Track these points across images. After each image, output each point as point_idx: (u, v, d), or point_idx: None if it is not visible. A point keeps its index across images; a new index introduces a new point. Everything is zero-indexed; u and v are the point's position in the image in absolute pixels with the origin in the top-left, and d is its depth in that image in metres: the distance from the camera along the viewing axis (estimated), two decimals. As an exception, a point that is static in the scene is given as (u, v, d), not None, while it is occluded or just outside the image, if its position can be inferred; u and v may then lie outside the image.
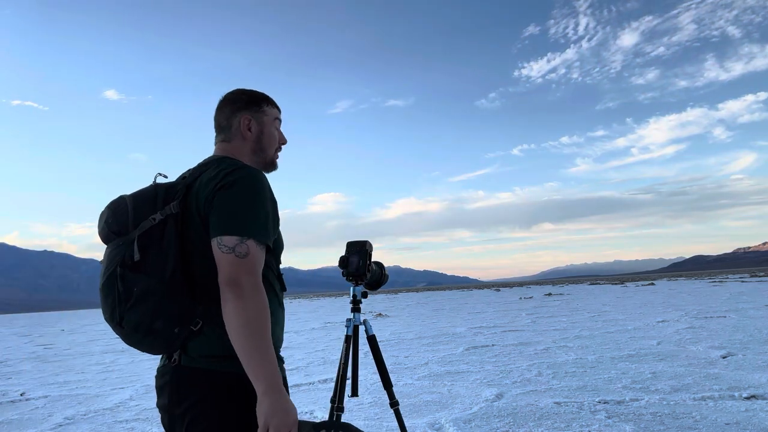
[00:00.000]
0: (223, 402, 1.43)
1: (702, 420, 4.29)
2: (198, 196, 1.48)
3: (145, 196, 1.48)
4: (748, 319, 11.78)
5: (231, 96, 1.69)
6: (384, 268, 2.64)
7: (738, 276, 64.44)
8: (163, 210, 1.46)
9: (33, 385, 8.41)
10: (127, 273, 1.40)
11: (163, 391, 1.51)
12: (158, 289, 1.40)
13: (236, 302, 1.36)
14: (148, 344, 1.44)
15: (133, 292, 1.39)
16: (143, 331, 1.40)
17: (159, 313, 1.39)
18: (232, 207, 1.43)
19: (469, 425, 4.51)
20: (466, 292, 61.16)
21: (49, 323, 43.34)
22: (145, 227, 1.43)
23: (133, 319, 1.39)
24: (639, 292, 30.62)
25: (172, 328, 1.41)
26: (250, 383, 1.40)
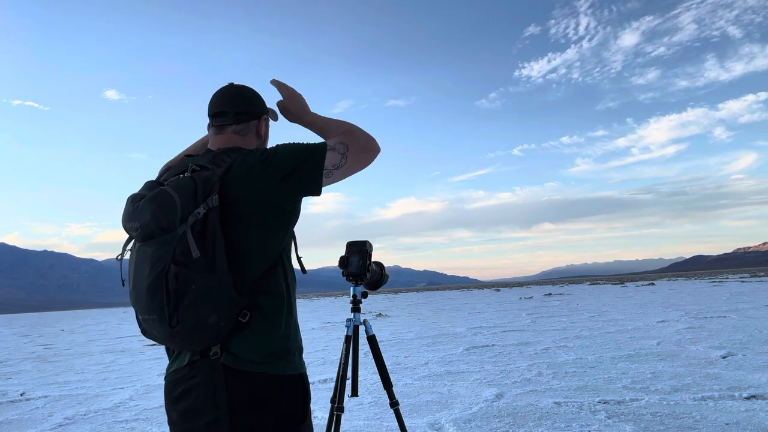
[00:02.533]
0: (271, 407, 1.41)
1: (702, 420, 4.29)
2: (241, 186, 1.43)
3: (188, 189, 1.40)
4: (748, 319, 11.78)
5: (252, 93, 1.68)
6: (384, 268, 2.64)
7: (738, 276, 64.44)
8: (205, 203, 1.39)
9: (33, 385, 8.41)
10: (182, 270, 1.33)
11: (188, 394, 1.42)
12: (215, 286, 1.35)
13: (354, 134, 1.56)
14: (200, 340, 1.38)
15: (191, 289, 1.33)
16: (200, 328, 1.35)
17: (215, 309, 1.35)
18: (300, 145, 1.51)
19: (469, 425, 4.51)
20: (466, 292, 61.16)
21: (49, 323, 43.35)
22: (191, 221, 1.36)
23: (192, 317, 1.33)
24: (639, 292, 30.62)
25: (221, 321, 1.37)
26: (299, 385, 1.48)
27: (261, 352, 1.42)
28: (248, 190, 1.42)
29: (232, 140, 1.60)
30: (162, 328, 1.36)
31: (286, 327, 1.48)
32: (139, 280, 1.37)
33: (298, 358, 1.52)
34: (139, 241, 1.41)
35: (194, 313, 1.34)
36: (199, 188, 1.40)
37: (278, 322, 1.46)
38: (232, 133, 1.61)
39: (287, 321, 1.49)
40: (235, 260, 1.41)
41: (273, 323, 1.45)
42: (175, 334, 1.36)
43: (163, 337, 1.41)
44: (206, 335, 1.37)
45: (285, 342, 1.47)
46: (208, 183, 1.41)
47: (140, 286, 1.37)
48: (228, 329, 1.39)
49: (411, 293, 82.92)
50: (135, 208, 1.42)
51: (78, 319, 52.00)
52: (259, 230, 1.44)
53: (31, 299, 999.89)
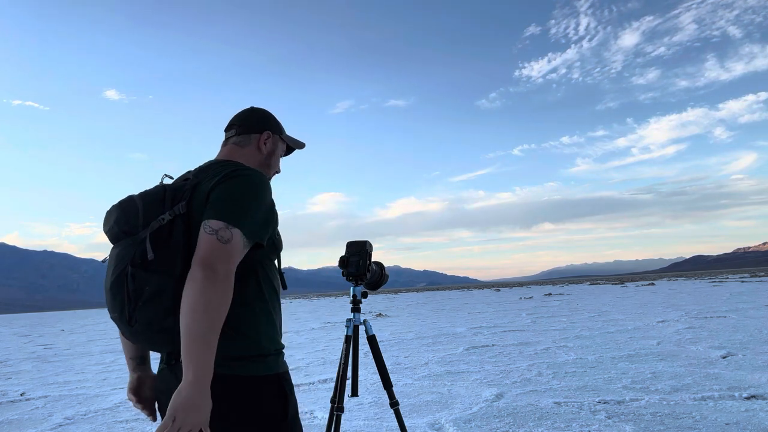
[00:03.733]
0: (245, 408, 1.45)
1: (702, 420, 4.29)
2: (201, 195, 1.50)
3: (154, 196, 1.50)
4: (748, 319, 11.78)
5: (263, 112, 1.81)
6: (384, 268, 2.64)
7: (738, 276, 64.44)
8: (171, 210, 1.47)
9: (33, 385, 8.41)
10: (138, 272, 1.41)
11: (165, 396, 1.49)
12: (170, 287, 1.41)
13: (204, 283, 1.33)
14: (158, 342, 1.46)
15: (144, 290, 1.40)
16: (155, 329, 1.42)
17: (170, 311, 1.40)
18: (228, 195, 1.46)
19: (469, 425, 4.51)
20: (466, 292, 61.17)
21: (49, 323, 43.35)
22: (155, 227, 1.44)
23: (145, 317, 1.41)
24: (639, 292, 30.62)
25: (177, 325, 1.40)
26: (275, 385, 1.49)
27: (230, 354, 1.45)
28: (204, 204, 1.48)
29: (231, 151, 1.73)
30: (124, 326, 1.46)
31: (256, 332, 1.51)
32: (106, 280, 1.49)
33: (274, 359, 1.54)
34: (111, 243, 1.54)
35: (148, 313, 1.41)
36: (168, 196, 1.50)
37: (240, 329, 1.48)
38: (232, 144, 1.75)
39: (258, 326, 1.52)
40: None
41: (235, 331, 1.47)
42: (134, 333, 1.45)
43: (127, 336, 1.50)
44: (166, 337, 1.43)
45: (255, 345, 1.50)
46: (178, 191, 1.52)
47: (106, 285, 1.49)
48: None
49: (411, 293, 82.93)
50: (107, 213, 1.55)
51: (78, 319, 52.00)
52: None
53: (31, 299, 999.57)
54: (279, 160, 1.84)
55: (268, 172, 1.80)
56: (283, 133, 1.84)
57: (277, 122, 1.83)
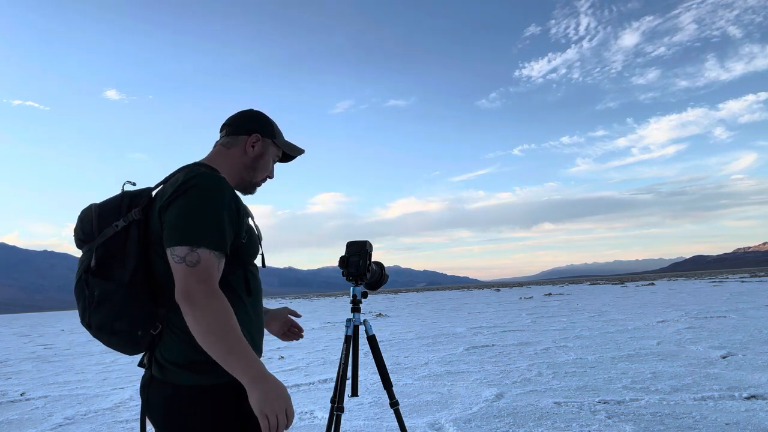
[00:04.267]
0: (187, 417, 1.45)
1: (702, 420, 4.29)
2: (156, 207, 1.51)
3: (111, 204, 1.53)
4: (748, 319, 11.78)
5: (254, 113, 1.77)
6: (384, 268, 2.64)
7: (738, 276, 64.44)
8: (125, 216, 1.50)
9: (33, 385, 8.41)
10: (90, 278, 1.46)
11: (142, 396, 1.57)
12: (116, 293, 1.44)
13: (192, 313, 1.37)
14: (115, 344, 1.50)
15: (94, 295, 1.45)
16: (107, 332, 1.46)
17: (119, 315, 1.44)
18: (184, 215, 1.44)
19: (469, 425, 4.51)
20: (466, 292, 61.17)
21: (49, 323, 43.36)
22: (107, 234, 1.48)
23: (96, 321, 1.46)
24: (639, 292, 30.62)
25: (134, 329, 1.46)
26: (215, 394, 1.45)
27: (177, 360, 1.47)
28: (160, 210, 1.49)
29: (217, 153, 1.71)
30: (87, 329, 1.51)
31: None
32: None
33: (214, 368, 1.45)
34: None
35: (98, 317, 1.45)
36: (125, 202, 1.52)
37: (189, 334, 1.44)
38: (219, 145, 1.73)
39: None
40: (155, 273, 1.51)
41: (184, 336, 1.46)
42: (95, 336, 1.50)
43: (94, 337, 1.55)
44: (120, 341, 1.48)
45: (199, 354, 1.43)
46: (137, 197, 1.54)
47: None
48: (147, 338, 1.49)
49: (411, 293, 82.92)
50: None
51: (78, 319, 52.02)
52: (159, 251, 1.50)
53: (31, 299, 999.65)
54: (270, 164, 1.77)
55: (254, 175, 1.73)
56: (278, 137, 1.78)
57: (272, 126, 1.77)
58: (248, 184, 1.75)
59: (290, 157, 1.88)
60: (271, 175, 1.80)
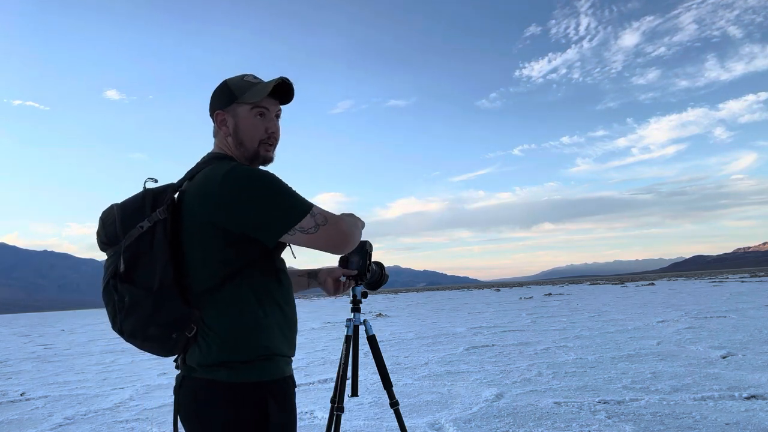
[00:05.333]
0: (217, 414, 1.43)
1: (702, 420, 4.29)
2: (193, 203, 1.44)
3: (134, 204, 1.46)
4: (748, 319, 11.78)
5: (216, 91, 1.61)
6: (384, 268, 2.63)
7: (738, 276, 64.44)
8: (150, 216, 1.43)
9: (33, 385, 8.41)
10: (118, 284, 1.41)
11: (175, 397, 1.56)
12: (147, 298, 1.40)
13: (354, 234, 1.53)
14: (149, 348, 1.47)
15: (125, 301, 1.41)
16: (140, 338, 1.43)
17: (150, 321, 1.40)
18: (267, 203, 1.40)
19: (469, 425, 4.51)
20: (466, 292, 61.17)
21: (49, 323, 43.36)
22: (133, 236, 1.42)
23: (129, 327, 1.42)
24: (639, 292, 30.62)
25: (168, 333, 1.41)
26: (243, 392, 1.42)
27: (211, 361, 1.43)
28: (198, 209, 1.42)
29: (215, 146, 1.63)
30: (119, 334, 1.47)
31: (244, 337, 1.44)
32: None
33: (263, 366, 1.46)
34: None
35: (131, 322, 1.42)
36: (148, 202, 1.45)
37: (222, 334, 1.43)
38: (214, 137, 1.64)
39: (246, 332, 1.45)
40: (186, 273, 1.45)
41: (224, 335, 1.43)
42: (128, 341, 1.47)
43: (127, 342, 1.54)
44: (155, 345, 1.44)
45: (240, 351, 1.43)
46: (160, 196, 1.46)
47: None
48: (182, 341, 1.44)
49: (411, 293, 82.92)
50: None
51: (78, 319, 52.00)
52: (206, 248, 1.44)
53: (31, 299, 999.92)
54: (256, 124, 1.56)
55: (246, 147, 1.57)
56: (240, 96, 1.54)
57: (227, 91, 1.56)
58: (250, 157, 1.58)
59: (284, 95, 1.62)
60: (270, 128, 1.58)
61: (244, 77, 1.58)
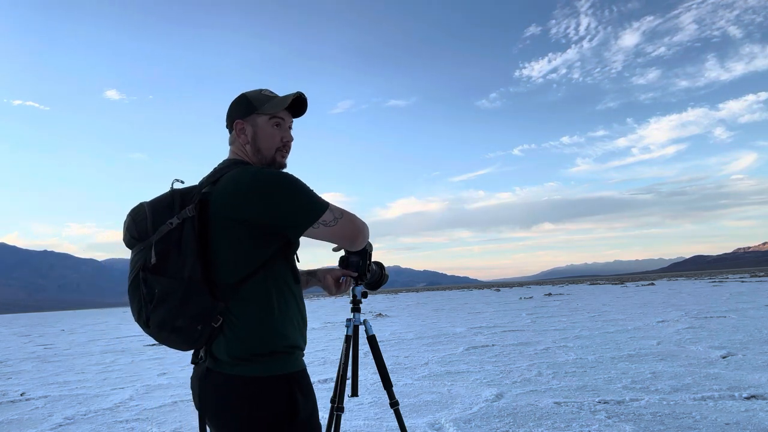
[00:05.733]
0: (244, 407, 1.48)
1: (702, 420, 4.29)
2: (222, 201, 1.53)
3: (163, 202, 1.57)
4: (748, 319, 11.79)
5: (231, 103, 1.75)
6: (384, 268, 2.63)
7: (738, 276, 64.45)
8: (179, 214, 1.53)
9: (33, 385, 8.41)
10: (148, 276, 1.49)
11: (194, 392, 1.61)
12: (177, 290, 1.47)
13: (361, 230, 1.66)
14: (175, 341, 1.53)
15: (154, 293, 1.48)
16: (168, 329, 1.49)
17: (180, 313, 1.47)
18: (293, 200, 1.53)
19: (469, 425, 4.51)
20: (466, 292, 61.17)
21: (49, 323, 43.36)
22: (162, 231, 1.51)
23: (157, 319, 1.49)
24: (639, 292, 30.62)
25: (195, 325, 1.48)
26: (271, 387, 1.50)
27: (237, 354, 1.50)
28: (227, 206, 1.52)
29: (231, 152, 1.74)
30: (143, 327, 1.54)
31: (268, 330, 1.53)
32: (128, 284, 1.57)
33: (285, 359, 1.55)
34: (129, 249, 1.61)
35: (159, 314, 1.48)
36: (176, 200, 1.56)
37: (249, 327, 1.51)
38: (229, 144, 1.76)
39: (270, 324, 1.53)
40: (209, 268, 1.53)
41: (249, 327, 1.51)
42: (152, 334, 1.53)
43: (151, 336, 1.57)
44: (180, 338, 1.51)
45: (265, 344, 1.51)
46: (187, 195, 1.58)
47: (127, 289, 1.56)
48: (207, 333, 1.50)
49: (411, 293, 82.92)
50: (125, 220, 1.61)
51: (78, 319, 52.01)
52: (233, 243, 1.53)
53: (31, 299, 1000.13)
54: (273, 133, 1.70)
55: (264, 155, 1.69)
56: (259, 107, 1.68)
57: (246, 103, 1.70)
58: (269, 162, 1.71)
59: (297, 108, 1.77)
60: (285, 137, 1.73)
61: (262, 91, 1.74)
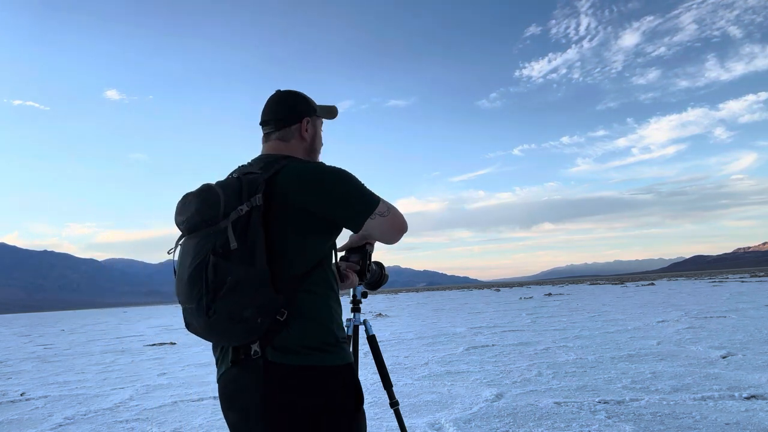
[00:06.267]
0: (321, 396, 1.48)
1: (702, 420, 4.29)
2: (287, 192, 1.53)
3: (233, 188, 1.49)
4: (748, 319, 11.78)
5: (293, 97, 1.77)
6: (384, 268, 2.63)
7: (738, 276, 64.45)
8: (248, 201, 1.48)
9: (33, 385, 8.41)
10: (220, 262, 1.41)
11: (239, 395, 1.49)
12: (251, 279, 1.42)
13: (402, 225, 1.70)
14: (234, 333, 1.44)
15: (226, 281, 1.40)
16: (236, 320, 1.41)
17: (250, 303, 1.41)
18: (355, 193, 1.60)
19: (469, 425, 4.51)
20: (466, 292, 61.17)
21: (49, 323, 43.35)
22: (233, 217, 1.45)
23: (225, 308, 1.40)
24: (639, 292, 30.62)
25: (257, 317, 1.43)
26: (342, 376, 1.52)
27: (304, 345, 1.48)
28: (293, 197, 1.53)
29: (277, 147, 1.74)
30: (200, 317, 1.43)
31: (329, 322, 1.55)
32: (182, 270, 1.48)
33: (345, 348, 1.58)
34: (185, 234, 1.51)
35: (229, 303, 1.40)
36: (245, 188, 1.49)
37: (319, 318, 1.53)
38: (276, 140, 1.75)
39: (329, 317, 1.56)
40: (274, 259, 1.50)
41: (313, 320, 1.52)
42: (211, 324, 1.42)
43: (201, 328, 1.46)
44: (242, 329, 1.43)
45: (327, 335, 1.53)
46: (253, 184, 1.51)
47: (183, 276, 1.47)
48: (266, 326, 1.45)
49: (411, 293, 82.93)
50: (183, 203, 1.52)
51: (78, 319, 52.00)
52: (298, 235, 1.54)
53: (31, 299, 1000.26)
54: (321, 138, 1.85)
55: (317, 156, 1.81)
56: (318, 109, 1.82)
57: (309, 101, 1.80)
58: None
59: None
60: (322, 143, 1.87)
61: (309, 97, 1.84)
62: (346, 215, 1.58)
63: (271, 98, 1.79)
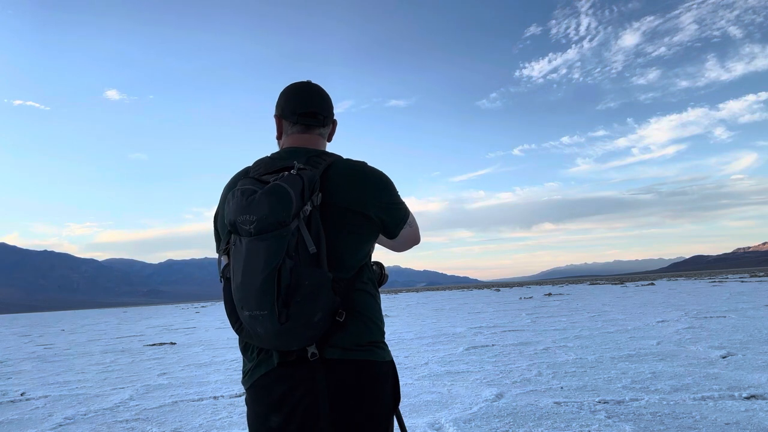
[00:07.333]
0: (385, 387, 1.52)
1: (702, 420, 4.29)
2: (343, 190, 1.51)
3: (298, 186, 1.40)
4: (748, 319, 11.79)
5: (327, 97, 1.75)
6: (384, 268, 2.63)
7: (738, 276, 64.45)
8: (311, 201, 1.42)
9: (33, 385, 8.40)
10: (297, 266, 1.34)
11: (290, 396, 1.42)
12: (323, 282, 1.38)
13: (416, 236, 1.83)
14: (304, 338, 1.38)
15: (304, 284, 1.34)
16: (309, 326, 1.36)
17: (320, 307, 1.37)
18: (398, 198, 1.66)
19: (469, 425, 4.51)
20: (466, 292, 61.17)
21: (49, 323, 43.34)
22: (302, 218, 1.39)
23: (301, 314, 1.34)
24: (639, 292, 30.62)
25: (324, 321, 1.40)
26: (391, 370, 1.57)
27: (359, 343, 1.49)
28: (344, 196, 1.51)
29: (315, 141, 1.70)
30: (271, 324, 1.34)
31: (379, 320, 1.60)
32: (251, 275, 1.34)
33: (388, 345, 1.62)
34: (252, 235, 1.36)
35: (305, 309, 1.35)
36: (306, 186, 1.42)
37: (371, 317, 1.55)
38: (317, 134, 1.71)
39: (379, 315, 1.61)
40: (332, 260, 1.46)
41: (367, 319, 1.54)
42: (283, 330, 1.34)
43: (269, 334, 1.36)
44: (310, 333, 1.38)
45: (379, 333, 1.57)
46: (312, 181, 1.45)
47: (252, 281, 1.34)
48: (325, 328, 1.42)
49: (411, 293, 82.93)
50: (250, 201, 1.37)
51: (78, 319, 52.00)
52: (350, 234, 1.52)
53: (31, 299, 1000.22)
54: None
55: None
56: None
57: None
58: None
59: None
60: None
61: None
62: (389, 221, 1.61)
63: (315, 90, 1.71)
